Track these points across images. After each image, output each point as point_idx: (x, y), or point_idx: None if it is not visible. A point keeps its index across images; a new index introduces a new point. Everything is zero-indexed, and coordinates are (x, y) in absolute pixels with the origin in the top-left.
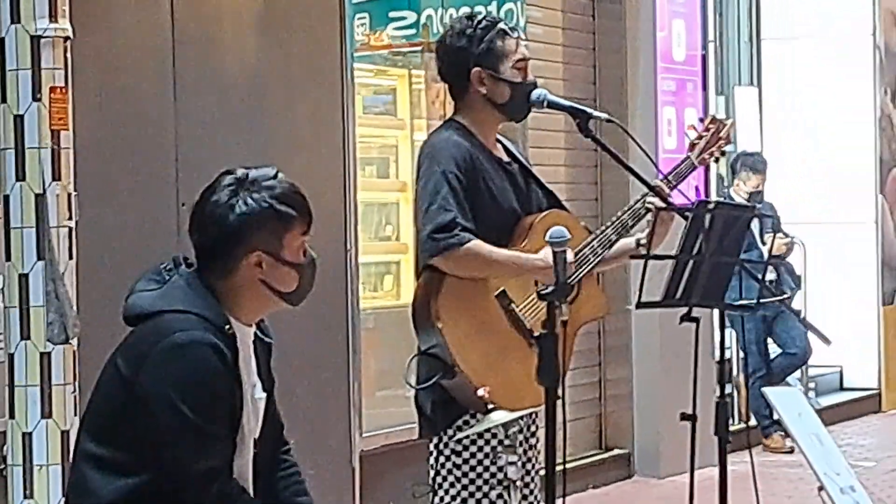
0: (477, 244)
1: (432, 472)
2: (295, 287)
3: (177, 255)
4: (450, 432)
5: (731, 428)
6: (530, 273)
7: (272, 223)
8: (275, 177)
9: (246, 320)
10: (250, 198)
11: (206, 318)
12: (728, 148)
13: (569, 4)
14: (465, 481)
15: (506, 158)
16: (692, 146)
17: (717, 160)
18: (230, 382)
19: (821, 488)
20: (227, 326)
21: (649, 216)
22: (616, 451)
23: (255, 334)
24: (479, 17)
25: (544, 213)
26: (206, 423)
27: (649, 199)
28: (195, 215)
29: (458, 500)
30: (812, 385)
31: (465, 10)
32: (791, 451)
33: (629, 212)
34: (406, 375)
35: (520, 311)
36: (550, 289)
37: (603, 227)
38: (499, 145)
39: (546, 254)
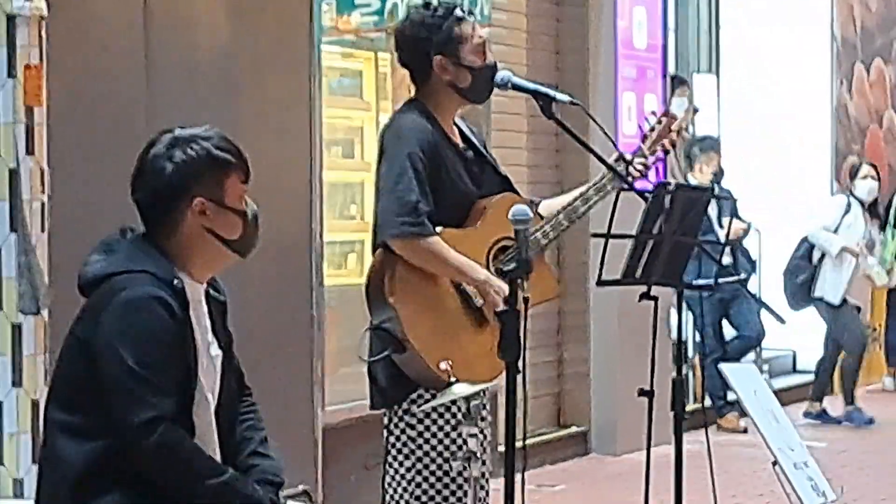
0: (438, 242)
1: (387, 445)
2: (240, 234)
3: (124, 226)
4: (404, 405)
5: (687, 408)
6: (470, 283)
7: (211, 169)
8: (208, 131)
9: (198, 276)
10: (188, 148)
11: (154, 275)
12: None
13: None
14: (419, 453)
15: (462, 144)
16: (644, 138)
17: (667, 153)
18: (179, 335)
19: (775, 463)
20: (176, 281)
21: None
22: (573, 429)
23: (208, 293)
24: (435, 5)
25: (497, 197)
26: (150, 375)
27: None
28: (136, 176)
29: (413, 471)
30: (766, 367)
31: None
32: (745, 431)
33: (579, 199)
34: (359, 349)
35: (471, 290)
36: (512, 266)
37: (554, 213)
38: (455, 129)
39: (489, 276)
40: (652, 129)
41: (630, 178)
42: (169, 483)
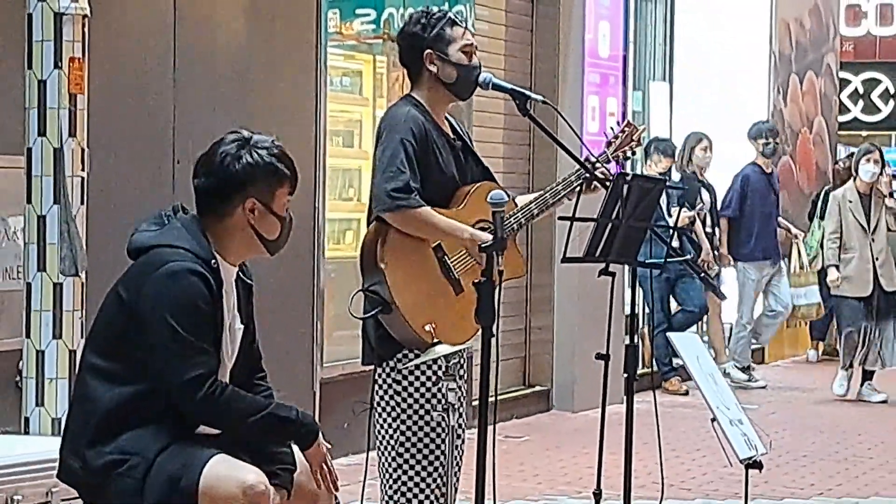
0: (427, 210)
1: (376, 398)
2: (276, 237)
3: (176, 204)
4: (391, 363)
5: (637, 372)
6: (459, 242)
7: (269, 177)
8: (273, 142)
9: (231, 260)
10: (255, 153)
11: (195, 253)
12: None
13: (511, 6)
14: (403, 405)
15: (452, 135)
16: (609, 144)
17: (627, 158)
18: (213, 306)
19: (713, 419)
20: (213, 261)
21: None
22: (537, 388)
23: (238, 275)
24: (433, 10)
25: (479, 185)
26: (193, 338)
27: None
28: (203, 163)
29: (398, 421)
30: (707, 339)
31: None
32: (686, 394)
33: (550, 191)
34: (350, 308)
35: (451, 262)
36: (489, 242)
37: (527, 202)
38: (447, 122)
39: (475, 233)
40: (616, 137)
41: (595, 179)
42: (221, 426)
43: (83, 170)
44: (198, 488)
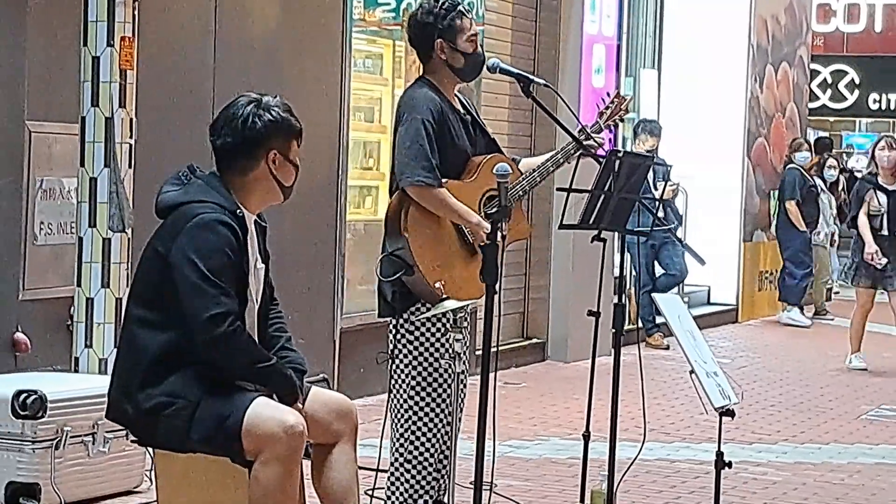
0: (444, 192)
1: (392, 346)
2: (291, 182)
3: (190, 164)
4: (406, 315)
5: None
6: (465, 225)
7: (286, 131)
8: (280, 99)
9: (252, 209)
10: (272, 111)
11: (221, 205)
12: (632, 115)
13: None
14: (415, 353)
15: (462, 111)
16: (601, 114)
17: (616, 126)
18: (239, 251)
19: (692, 371)
20: (238, 210)
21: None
22: (534, 340)
23: (255, 220)
24: (443, 1)
25: (489, 156)
26: (217, 279)
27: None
28: (219, 125)
29: (411, 367)
30: (686, 299)
31: None
32: (667, 348)
33: (550, 161)
34: (376, 270)
35: (466, 229)
36: (494, 210)
37: (531, 171)
38: (457, 99)
39: (480, 220)
40: (607, 108)
41: (592, 149)
42: (229, 364)
43: (131, 137)
44: (241, 427)
